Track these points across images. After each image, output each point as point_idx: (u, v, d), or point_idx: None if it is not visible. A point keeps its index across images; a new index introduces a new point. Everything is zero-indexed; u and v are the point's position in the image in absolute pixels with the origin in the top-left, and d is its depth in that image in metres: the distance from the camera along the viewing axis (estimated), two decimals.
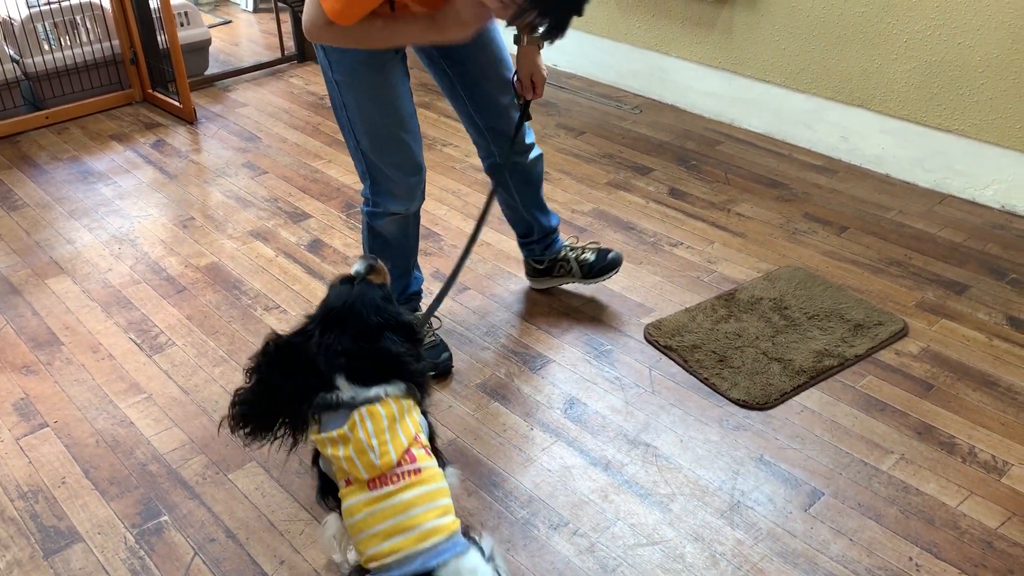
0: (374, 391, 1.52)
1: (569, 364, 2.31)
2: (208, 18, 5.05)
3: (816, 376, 2.22)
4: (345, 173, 3.30)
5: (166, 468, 1.98)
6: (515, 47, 2.13)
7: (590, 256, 2.50)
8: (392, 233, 2.17)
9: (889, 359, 2.30)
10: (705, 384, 2.22)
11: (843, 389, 2.19)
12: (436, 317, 2.37)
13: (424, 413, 1.62)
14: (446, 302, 2.54)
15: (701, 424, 2.10)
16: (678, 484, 1.93)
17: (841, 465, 1.97)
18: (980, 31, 2.85)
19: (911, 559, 1.75)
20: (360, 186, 2.15)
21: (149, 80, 3.89)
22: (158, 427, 2.10)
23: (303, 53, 4.42)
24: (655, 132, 3.62)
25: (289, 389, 1.52)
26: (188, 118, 3.74)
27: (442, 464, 1.60)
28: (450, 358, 2.27)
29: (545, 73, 2.17)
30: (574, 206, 3.06)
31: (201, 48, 4.10)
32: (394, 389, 1.54)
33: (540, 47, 2.14)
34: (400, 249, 2.21)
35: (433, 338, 2.27)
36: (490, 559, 1.48)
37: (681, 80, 3.78)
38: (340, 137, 3.59)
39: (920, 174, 3.16)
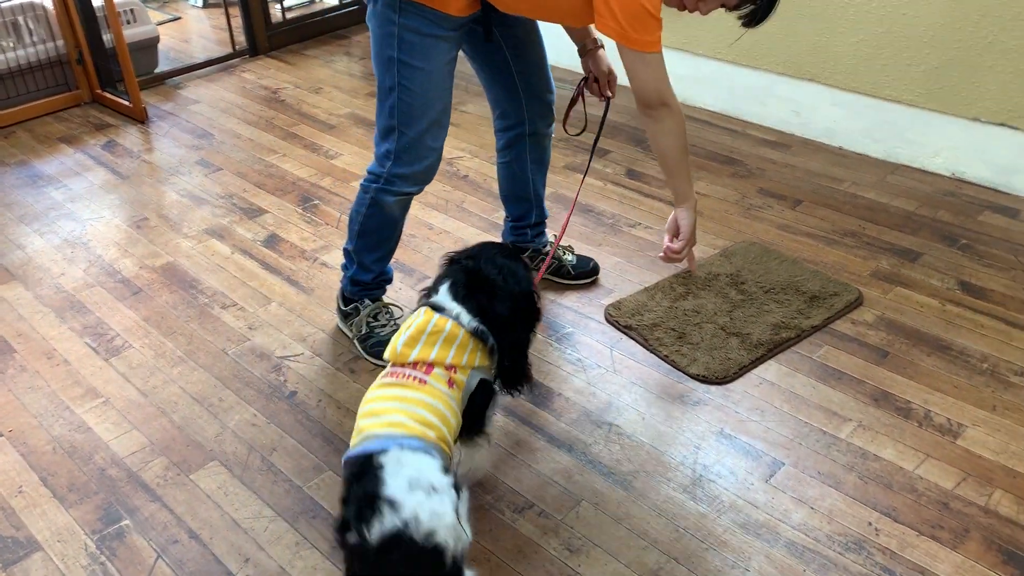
0: (450, 306, 1.63)
1: (531, 349, 2.30)
2: (156, 15, 4.97)
3: (774, 348, 2.25)
4: (300, 167, 3.27)
5: (126, 472, 1.96)
6: (580, 58, 2.24)
7: (572, 259, 2.55)
8: (394, 213, 2.17)
9: (845, 329, 2.33)
10: (665, 361, 2.24)
11: (800, 360, 2.22)
12: (397, 306, 2.37)
13: (491, 389, 1.71)
14: (398, 293, 2.53)
15: (662, 401, 2.12)
16: (641, 461, 1.95)
17: (800, 435, 2.00)
18: (922, 1, 2.88)
19: (870, 524, 1.78)
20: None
21: (97, 80, 3.82)
22: (117, 431, 2.07)
23: (255, 47, 4.37)
24: (611, 114, 3.61)
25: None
26: (139, 117, 3.68)
27: (477, 433, 1.71)
28: None
29: (615, 70, 2.24)
30: None
31: (149, 46, 4.04)
32: (467, 320, 1.62)
33: (602, 45, 2.21)
34: (393, 229, 2.22)
35: (394, 327, 2.26)
36: (452, 479, 1.42)
37: None
38: (294, 131, 3.55)
39: (871, 145, 3.20)
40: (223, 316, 2.46)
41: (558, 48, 4.07)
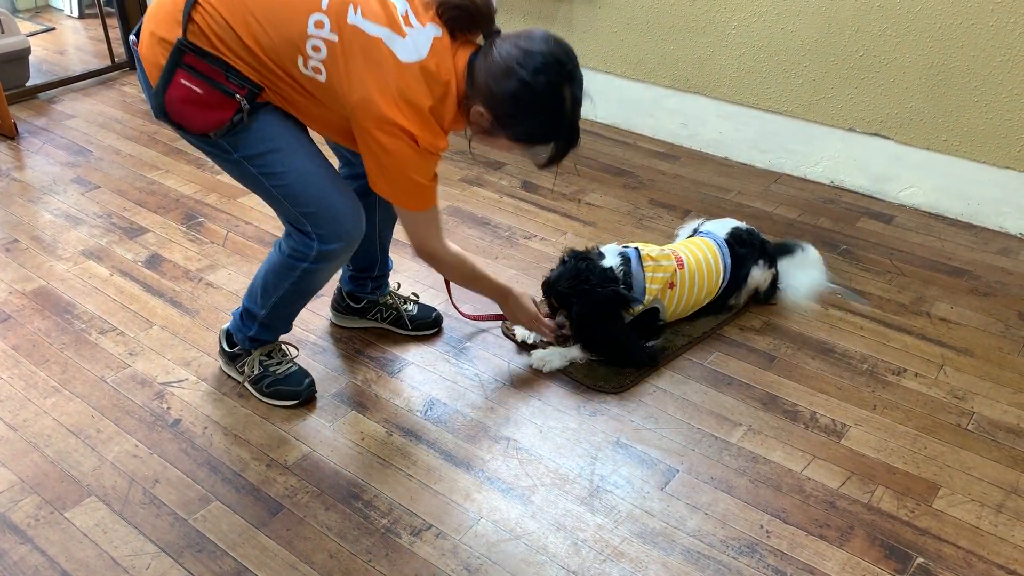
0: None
1: (428, 365, 2.28)
2: (27, 25, 4.72)
3: (666, 356, 2.28)
4: (184, 183, 3.15)
5: None
6: None
7: (413, 309, 2.39)
8: (324, 281, 2.02)
9: (734, 335, 2.38)
10: (562, 372, 2.24)
11: (692, 366, 2.26)
12: (292, 345, 2.24)
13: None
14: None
15: (559, 413, 2.12)
16: (539, 475, 1.94)
17: (693, 441, 2.03)
18: (799, 16, 3.00)
19: (762, 527, 1.82)
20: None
21: None
22: None
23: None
24: None
25: None
26: (8, 133, 3.47)
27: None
28: (313, 383, 2.14)
29: None
30: None
31: (19, 58, 3.82)
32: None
33: None
34: (316, 294, 2.08)
35: (290, 365, 2.15)
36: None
37: None
38: (179, 145, 3.42)
39: (756, 155, 3.31)
40: (101, 342, 2.34)
41: None
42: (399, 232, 2.84)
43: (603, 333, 2.20)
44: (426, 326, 2.39)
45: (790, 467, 1.97)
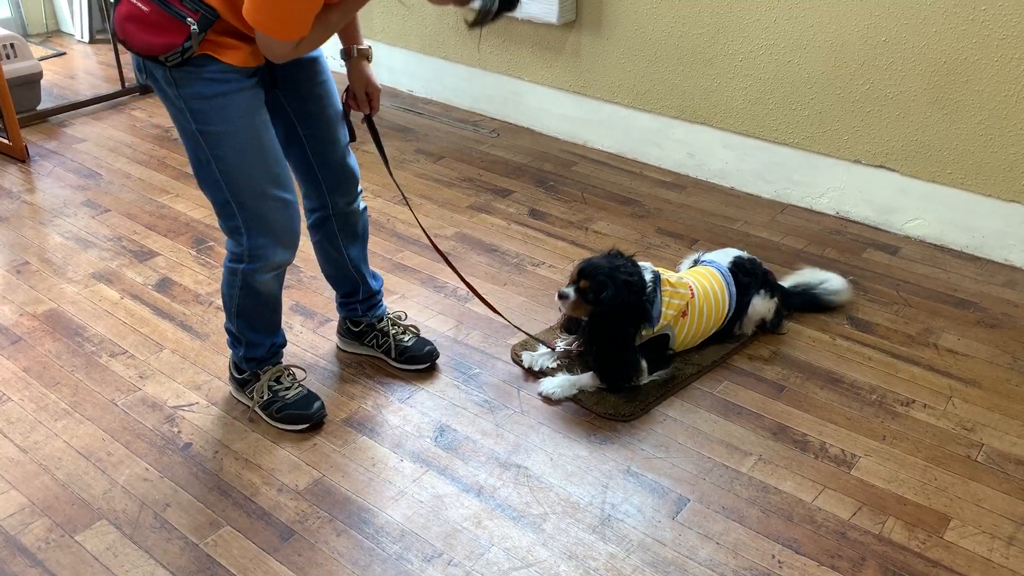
0: None
1: (438, 391, 2.28)
2: (39, 50, 4.77)
3: (676, 384, 2.29)
4: (194, 207, 3.16)
5: (3, 536, 1.82)
6: (344, 63, 2.05)
7: (407, 340, 2.36)
8: (271, 288, 2.03)
9: (743, 364, 2.39)
10: (571, 400, 2.25)
11: (702, 396, 2.27)
12: (300, 368, 2.27)
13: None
14: (299, 337, 2.47)
15: (570, 440, 2.12)
16: (550, 503, 1.94)
17: (704, 470, 2.03)
18: (806, 49, 3.04)
19: (774, 556, 1.82)
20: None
21: None
22: None
23: (146, 84, 4.22)
24: (513, 155, 3.66)
25: None
26: (19, 156, 3.50)
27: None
28: (323, 406, 2.15)
29: (379, 85, 2.08)
30: (437, 231, 3.05)
31: (31, 82, 3.86)
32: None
33: (369, 59, 2.04)
34: (275, 304, 2.09)
35: (299, 389, 2.16)
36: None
37: (535, 103, 3.85)
38: (188, 170, 3.44)
39: (762, 186, 3.33)
40: (111, 365, 2.34)
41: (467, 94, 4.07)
42: (404, 258, 2.86)
43: (613, 333, 2.19)
44: (416, 360, 2.34)
45: (801, 497, 1.97)
